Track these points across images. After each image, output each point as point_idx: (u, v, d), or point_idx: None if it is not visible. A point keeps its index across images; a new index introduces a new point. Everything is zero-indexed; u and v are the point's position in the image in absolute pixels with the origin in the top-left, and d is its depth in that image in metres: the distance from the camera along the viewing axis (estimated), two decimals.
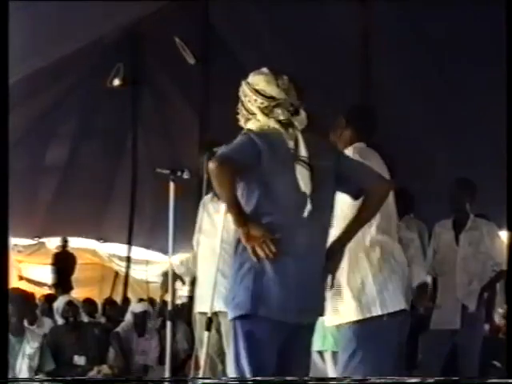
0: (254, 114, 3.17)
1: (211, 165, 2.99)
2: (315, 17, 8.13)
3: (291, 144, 3.09)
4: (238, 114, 3.25)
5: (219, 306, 4.13)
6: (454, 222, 5.79)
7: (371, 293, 3.58)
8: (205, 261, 4.60)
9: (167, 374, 4.67)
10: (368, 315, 3.57)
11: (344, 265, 3.53)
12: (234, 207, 3.02)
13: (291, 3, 8.10)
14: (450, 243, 5.76)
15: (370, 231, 3.62)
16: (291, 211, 3.04)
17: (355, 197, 3.27)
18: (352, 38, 8.01)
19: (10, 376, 5.12)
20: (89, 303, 9.27)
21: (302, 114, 3.18)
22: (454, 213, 5.82)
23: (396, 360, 3.69)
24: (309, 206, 3.02)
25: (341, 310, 3.61)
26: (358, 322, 3.57)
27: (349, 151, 3.64)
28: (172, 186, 4.55)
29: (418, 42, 7.69)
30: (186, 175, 4.45)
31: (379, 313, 3.57)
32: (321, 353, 4.73)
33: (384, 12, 7.68)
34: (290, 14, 8.31)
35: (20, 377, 5.68)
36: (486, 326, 6.25)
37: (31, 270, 13.71)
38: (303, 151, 3.08)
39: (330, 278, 3.17)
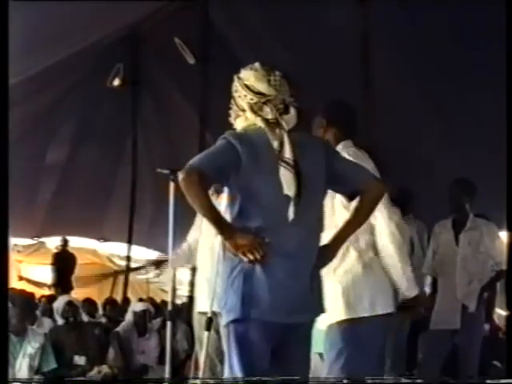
0: (243, 110, 3.12)
1: (179, 177, 2.92)
2: (315, 16, 8.13)
3: (276, 145, 3.02)
4: (230, 109, 3.23)
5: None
6: (453, 222, 5.79)
7: (361, 293, 3.57)
8: (204, 261, 4.60)
9: (167, 374, 4.67)
10: (356, 316, 3.56)
11: (336, 264, 3.53)
12: (213, 218, 2.96)
13: (291, 3, 8.10)
14: (449, 243, 5.76)
15: (365, 232, 3.61)
16: (277, 214, 2.99)
17: (349, 197, 3.25)
18: (352, 38, 8.01)
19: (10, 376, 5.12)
20: (89, 303, 9.28)
21: (292, 112, 3.12)
22: (453, 213, 5.82)
23: (381, 362, 3.69)
24: (292, 209, 2.99)
25: (330, 310, 3.60)
26: (345, 321, 3.57)
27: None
28: (172, 185, 4.55)
29: (417, 41, 7.68)
30: None
31: (368, 314, 3.56)
32: (321, 354, 4.74)
33: (383, 11, 7.68)
34: (289, 14, 8.31)
35: (20, 376, 5.69)
36: (486, 326, 6.25)
37: (31, 270, 13.70)
38: (288, 152, 3.00)
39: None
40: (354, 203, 3.24)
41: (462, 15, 7.12)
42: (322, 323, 3.66)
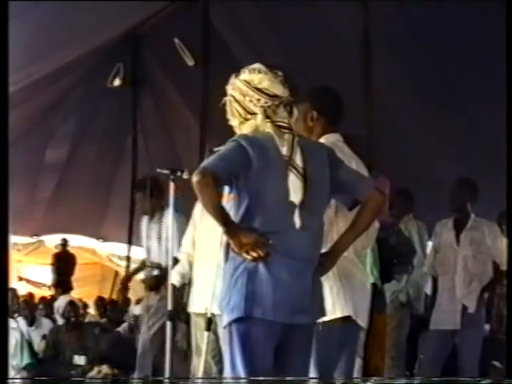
0: (253, 114, 3.11)
1: (194, 179, 2.95)
2: (316, 18, 8.13)
3: (284, 150, 3.04)
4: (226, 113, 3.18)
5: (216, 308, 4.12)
6: (454, 221, 5.79)
7: (344, 294, 3.52)
8: (203, 260, 4.59)
9: (167, 374, 4.67)
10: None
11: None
12: (222, 219, 2.99)
13: (291, 4, 8.09)
14: (450, 243, 5.76)
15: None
16: (282, 218, 3.02)
17: (349, 207, 3.26)
18: (352, 39, 8.00)
19: None
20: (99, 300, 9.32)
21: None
22: (454, 212, 5.82)
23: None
24: (298, 215, 3.01)
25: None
26: (332, 321, 3.54)
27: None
28: (172, 185, 4.56)
29: (417, 42, 7.68)
30: (185, 175, 4.45)
31: (350, 314, 3.52)
32: None
33: (384, 12, 7.68)
34: (290, 15, 8.31)
35: None
36: (486, 326, 6.25)
37: (30, 269, 13.69)
38: (298, 159, 3.03)
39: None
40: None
41: (461, 16, 7.11)
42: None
